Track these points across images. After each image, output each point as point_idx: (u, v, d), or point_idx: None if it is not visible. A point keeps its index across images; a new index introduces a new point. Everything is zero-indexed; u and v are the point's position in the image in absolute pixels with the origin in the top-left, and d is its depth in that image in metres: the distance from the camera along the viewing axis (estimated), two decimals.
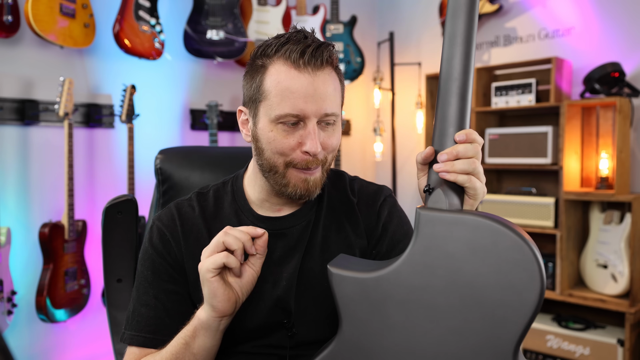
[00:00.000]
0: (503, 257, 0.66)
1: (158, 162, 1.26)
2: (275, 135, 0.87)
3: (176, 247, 0.95)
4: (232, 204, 0.98)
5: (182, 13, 2.81)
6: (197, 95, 2.95)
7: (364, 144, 3.82)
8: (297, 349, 0.93)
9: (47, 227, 2.22)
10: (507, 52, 3.15)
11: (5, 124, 2.27)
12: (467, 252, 0.67)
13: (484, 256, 0.66)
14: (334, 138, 0.90)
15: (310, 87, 0.85)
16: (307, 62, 0.85)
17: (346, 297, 0.74)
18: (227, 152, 1.37)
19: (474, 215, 0.68)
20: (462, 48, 0.74)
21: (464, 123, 0.74)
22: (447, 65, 0.75)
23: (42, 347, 2.38)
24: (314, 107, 0.85)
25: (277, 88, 0.86)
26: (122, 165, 2.62)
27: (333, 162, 0.95)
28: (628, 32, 2.69)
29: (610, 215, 2.57)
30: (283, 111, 0.85)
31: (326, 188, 1.01)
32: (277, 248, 0.95)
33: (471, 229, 0.67)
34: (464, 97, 0.74)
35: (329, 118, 0.88)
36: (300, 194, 0.90)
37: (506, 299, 0.65)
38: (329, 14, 3.28)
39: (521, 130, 2.80)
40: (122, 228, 1.17)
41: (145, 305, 0.93)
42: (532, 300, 0.64)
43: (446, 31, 0.76)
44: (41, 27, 2.15)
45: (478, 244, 0.67)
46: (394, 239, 0.98)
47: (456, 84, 0.74)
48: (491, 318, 0.66)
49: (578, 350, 2.55)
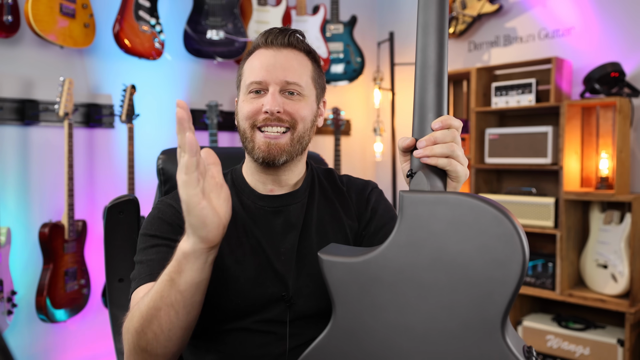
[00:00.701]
0: (485, 232, 0.68)
1: (160, 162, 1.27)
2: (244, 104, 0.99)
3: (182, 220, 0.96)
4: (232, 187, 1.05)
5: (182, 13, 2.81)
6: (197, 95, 2.95)
7: (364, 144, 3.82)
8: (296, 323, 0.97)
9: (47, 227, 2.22)
10: (507, 52, 3.15)
11: (5, 124, 2.27)
12: (450, 229, 0.69)
13: (467, 232, 0.69)
14: (297, 107, 0.98)
15: (272, 59, 0.98)
16: (271, 41, 0.99)
17: (337, 282, 0.76)
18: (228, 152, 1.38)
19: (455, 194, 0.71)
20: (435, 37, 0.78)
21: (442, 109, 0.78)
22: (422, 54, 0.78)
23: (42, 347, 2.38)
24: (274, 75, 0.96)
25: (248, 66, 1.01)
26: (122, 165, 2.62)
27: (308, 137, 1.01)
28: (628, 32, 2.70)
29: (610, 215, 2.57)
30: (249, 80, 0.98)
31: (317, 176, 1.10)
32: (277, 224, 1.01)
33: (453, 207, 0.70)
34: (440, 83, 0.78)
35: (291, 87, 0.98)
36: (263, 155, 0.97)
37: (490, 272, 0.67)
38: (329, 14, 3.28)
39: (521, 130, 2.80)
40: (124, 228, 1.17)
41: (155, 253, 0.93)
42: (515, 272, 0.66)
43: (419, 22, 0.79)
44: (41, 27, 2.15)
45: (460, 221, 0.69)
46: (381, 221, 1.06)
47: (432, 71, 0.78)
48: (478, 292, 0.68)
49: (578, 350, 2.55)
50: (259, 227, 1.01)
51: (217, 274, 0.95)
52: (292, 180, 1.05)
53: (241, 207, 1.02)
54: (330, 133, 3.50)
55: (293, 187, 1.05)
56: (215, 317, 0.97)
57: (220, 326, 0.98)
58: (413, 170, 0.79)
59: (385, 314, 0.73)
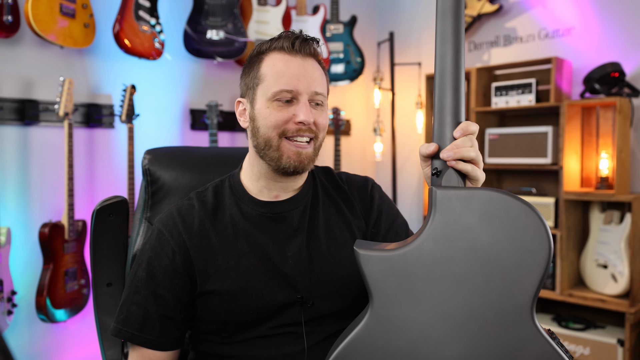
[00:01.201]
0: (515, 224, 0.74)
1: (146, 162, 1.22)
2: (270, 111, 0.96)
3: (175, 243, 0.98)
4: (231, 196, 1.04)
5: (182, 13, 2.81)
6: (197, 95, 2.95)
7: (364, 144, 3.82)
8: (312, 323, 0.98)
9: (47, 227, 2.22)
10: (507, 52, 3.15)
11: (5, 124, 2.27)
12: (482, 222, 0.75)
13: (498, 224, 0.75)
14: (322, 117, 1.00)
15: (302, 68, 0.97)
16: (298, 49, 0.98)
17: (374, 274, 0.79)
18: (229, 152, 1.36)
19: (486, 190, 0.76)
20: (453, 45, 0.83)
21: (460, 112, 0.83)
22: (440, 62, 0.83)
23: (42, 347, 2.38)
24: (305, 84, 0.96)
25: (272, 70, 0.97)
26: (122, 165, 2.62)
27: (322, 144, 1.03)
28: (628, 32, 2.69)
29: (610, 215, 2.57)
30: (278, 88, 0.95)
31: (317, 177, 1.10)
32: (280, 230, 1.01)
33: (484, 201, 0.76)
34: (458, 88, 0.82)
35: (318, 98, 0.98)
36: (294, 165, 0.97)
37: (521, 260, 0.73)
38: (329, 14, 3.28)
39: (521, 130, 2.80)
40: (113, 230, 1.13)
41: (136, 303, 0.97)
42: (543, 259, 0.73)
43: (437, 31, 0.84)
44: (41, 27, 2.15)
45: (492, 214, 0.75)
46: (389, 218, 1.10)
47: (450, 77, 0.82)
48: (509, 279, 0.74)
49: (578, 350, 2.55)
50: (262, 235, 1.00)
51: (225, 290, 0.96)
52: (299, 184, 1.05)
53: (241, 216, 1.01)
54: (330, 133, 3.49)
55: (295, 191, 1.05)
56: (229, 331, 0.98)
57: (233, 338, 0.98)
58: (438, 169, 0.83)
59: (422, 303, 0.76)
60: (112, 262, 1.14)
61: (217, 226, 1.00)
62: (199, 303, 0.98)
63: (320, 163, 1.17)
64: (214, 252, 0.98)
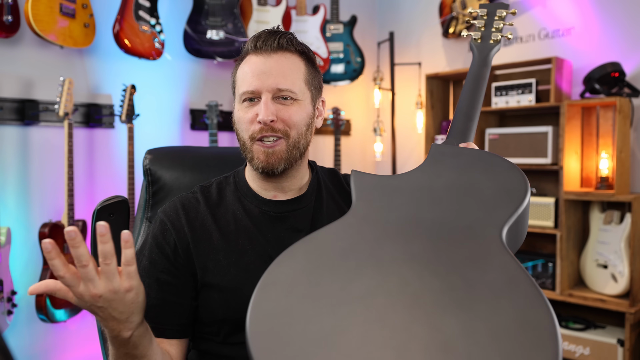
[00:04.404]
0: (497, 169, 0.85)
1: (147, 162, 1.24)
2: (240, 113, 0.98)
3: (177, 235, 0.98)
4: (234, 192, 1.04)
5: (182, 13, 2.81)
6: (197, 95, 2.95)
7: (364, 144, 3.82)
8: None
9: (47, 227, 2.22)
10: (507, 52, 3.15)
11: (5, 124, 2.26)
12: (467, 166, 0.87)
13: (483, 167, 0.86)
14: (292, 112, 0.97)
15: (262, 66, 0.96)
16: (260, 46, 0.97)
17: (362, 185, 0.89)
18: (229, 153, 1.37)
19: (474, 149, 0.90)
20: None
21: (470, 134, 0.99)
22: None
23: (42, 347, 2.38)
24: (266, 82, 0.95)
25: (240, 73, 0.99)
26: (122, 165, 2.62)
27: (304, 141, 1.00)
28: (628, 32, 2.69)
29: (610, 215, 2.57)
30: (242, 90, 0.97)
31: (322, 180, 1.09)
32: (283, 229, 1.00)
33: (471, 155, 0.89)
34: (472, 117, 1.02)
35: (284, 93, 0.96)
36: (262, 166, 0.96)
37: (499, 195, 0.81)
38: (329, 14, 3.28)
39: (521, 130, 2.80)
40: (114, 231, 1.14)
41: (153, 297, 0.95)
42: (521, 196, 0.80)
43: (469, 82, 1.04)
44: (41, 27, 2.15)
45: (477, 163, 0.87)
46: None
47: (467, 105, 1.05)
48: (485, 204, 0.81)
49: (578, 350, 2.55)
50: (264, 233, 0.99)
51: (224, 286, 0.96)
52: (295, 186, 1.03)
53: (244, 213, 1.01)
54: (330, 133, 3.50)
55: (298, 192, 1.04)
56: (227, 331, 0.97)
57: (232, 339, 0.97)
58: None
59: (399, 211, 0.83)
60: None
61: (219, 222, 1.00)
62: (199, 299, 0.98)
63: (320, 163, 1.16)
64: (215, 247, 0.98)
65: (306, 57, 1.01)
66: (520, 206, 0.79)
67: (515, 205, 0.79)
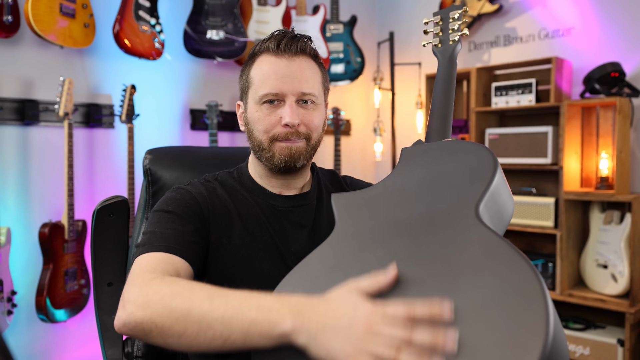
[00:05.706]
0: (463, 154, 0.86)
1: (147, 162, 1.24)
2: (260, 114, 0.98)
3: (203, 204, 0.99)
4: (240, 186, 1.06)
5: (182, 13, 2.81)
6: (197, 95, 2.95)
7: (364, 144, 3.82)
8: None
9: (47, 227, 2.22)
10: (507, 52, 3.15)
11: (5, 124, 2.26)
12: (437, 157, 0.89)
13: (450, 156, 0.88)
14: (314, 116, 1.00)
15: (287, 69, 0.97)
16: (284, 49, 0.98)
17: (341, 204, 0.91)
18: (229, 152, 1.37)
19: (441, 141, 0.94)
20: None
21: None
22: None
23: (42, 347, 2.38)
24: (291, 86, 0.96)
25: (259, 73, 0.99)
26: (122, 165, 2.62)
27: (319, 142, 1.05)
28: (628, 32, 2.69)
29: (610, 215, 2.57)
30: (264, 91, 0.97)
31: (322, 180, 1.12)
32: (287, 224, 1.02)
33: (440, 147, 0.91)
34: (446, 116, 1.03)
35: (307, 97, 0.98)
36: (285, 160, 0.98)
37: (467, 176, 0.82)
38: (329, 14, 3.28)
39: (521, 130, 2.80)
40: (114, 230, 1.14)
41: (171, 228, 0.92)
42: (489, 171, 0.81)
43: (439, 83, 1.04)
44: (41, 27, 2.15)
45: (445, 154, 0.89)
46: None
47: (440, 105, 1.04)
48: (457, 189, 0.82)
49: (578, 351, 2.55)
50: (272, 225, 1.02)
51: (232, 264, 0.97)
52: (300, 184, 1.06)
53: (254, 203, 1.03)
54: (330, 133, 3.49)
55: (300, 190, 1.06)
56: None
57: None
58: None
59: (377, 218, 0.85)
60: (112, 261, 1.15)
61: (236, 202, 1.02)
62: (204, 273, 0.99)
63: (320, 163, 1.17)
64: (231, 225, 0.99)
65: (319, 61, 1.03)
66: (491, 181, 0.79)
67: (486, 181, 0.79)
